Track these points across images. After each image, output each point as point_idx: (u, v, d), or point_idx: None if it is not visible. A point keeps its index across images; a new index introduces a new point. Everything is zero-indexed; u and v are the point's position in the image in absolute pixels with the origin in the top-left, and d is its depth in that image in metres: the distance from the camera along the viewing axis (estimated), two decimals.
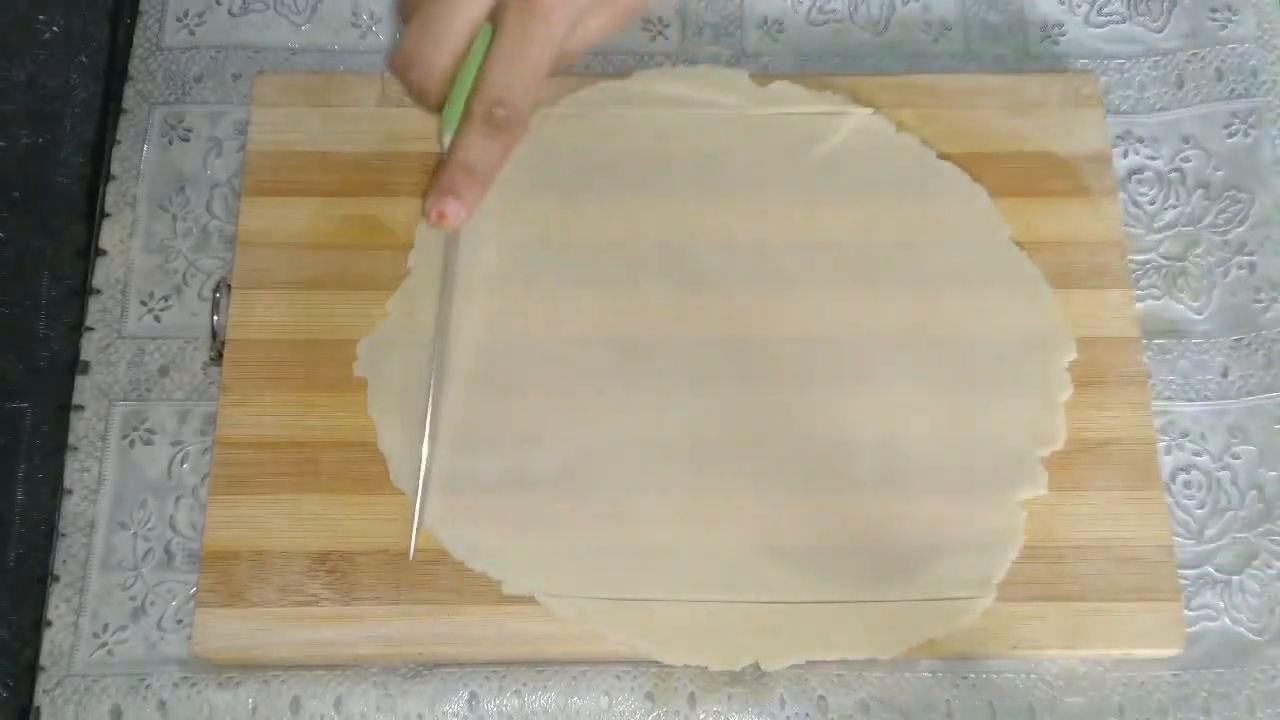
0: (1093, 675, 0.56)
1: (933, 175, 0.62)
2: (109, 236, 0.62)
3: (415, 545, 0.55)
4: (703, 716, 0.55)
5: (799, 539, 0.56)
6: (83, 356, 0.60)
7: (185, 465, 0.59)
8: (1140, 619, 0.55)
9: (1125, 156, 0.65)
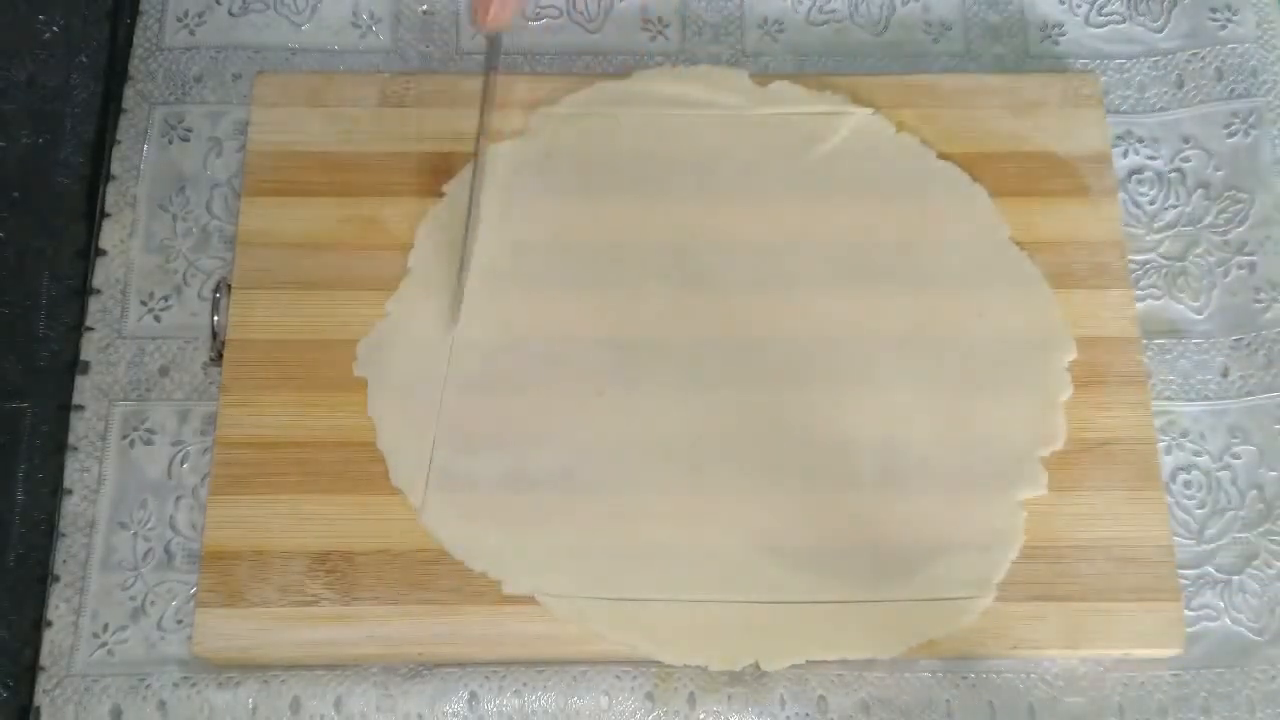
0: (1093, 675, 0.56)
1: (933, 175, 0.62)
2: (109, 236, 0.62)
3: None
4: (703, 716, 0.55)
5: (799, 539, 0.56)
6: (83, 356, 0.60)
7: (185, 465, 0.59)
8: (1140, 619, 0.55)
9: (1125, 156, 0.65)
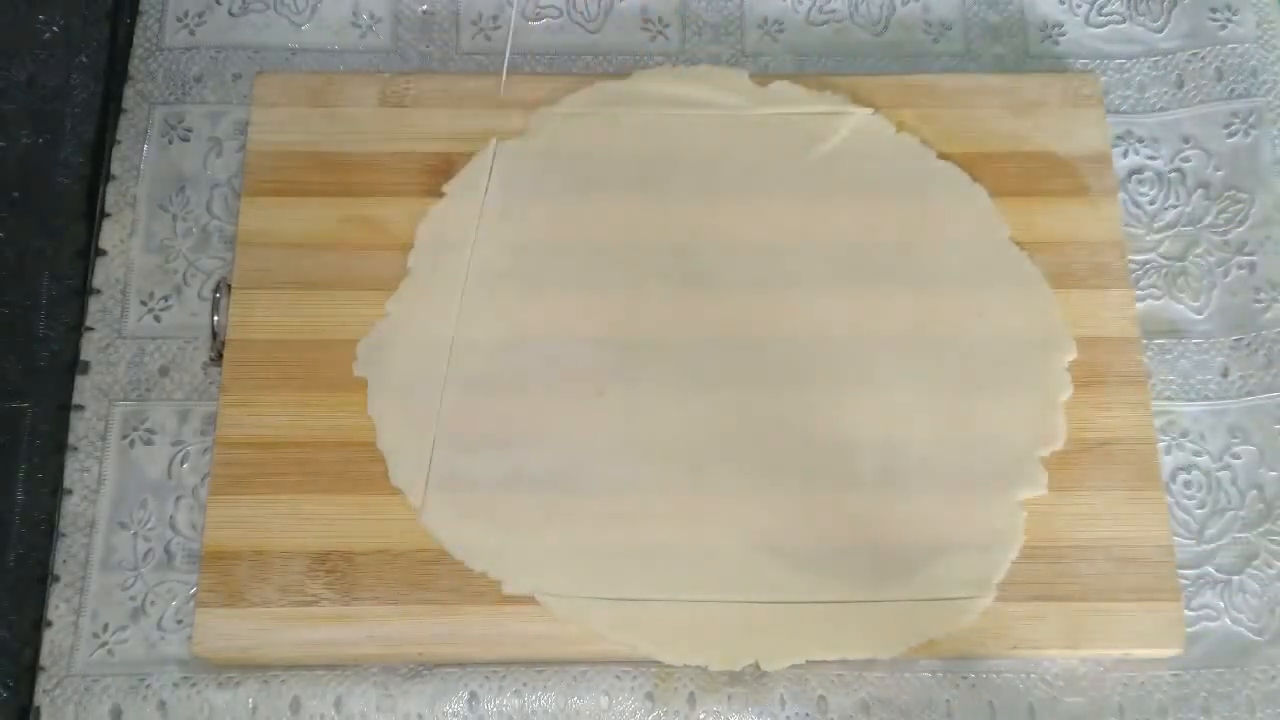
0: (1093, 675, 0.56)
1: (933, 175, 0.62)
2: (109, 236, 0.62)
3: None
4: (703, 716, 0.55)
5: (799, 539, 0.56)
6: (83, 356, 0.60)
7: (185, 465, 0.59)
8: (1140, 619, 0.55)
9: (1125, 156, 0.65)
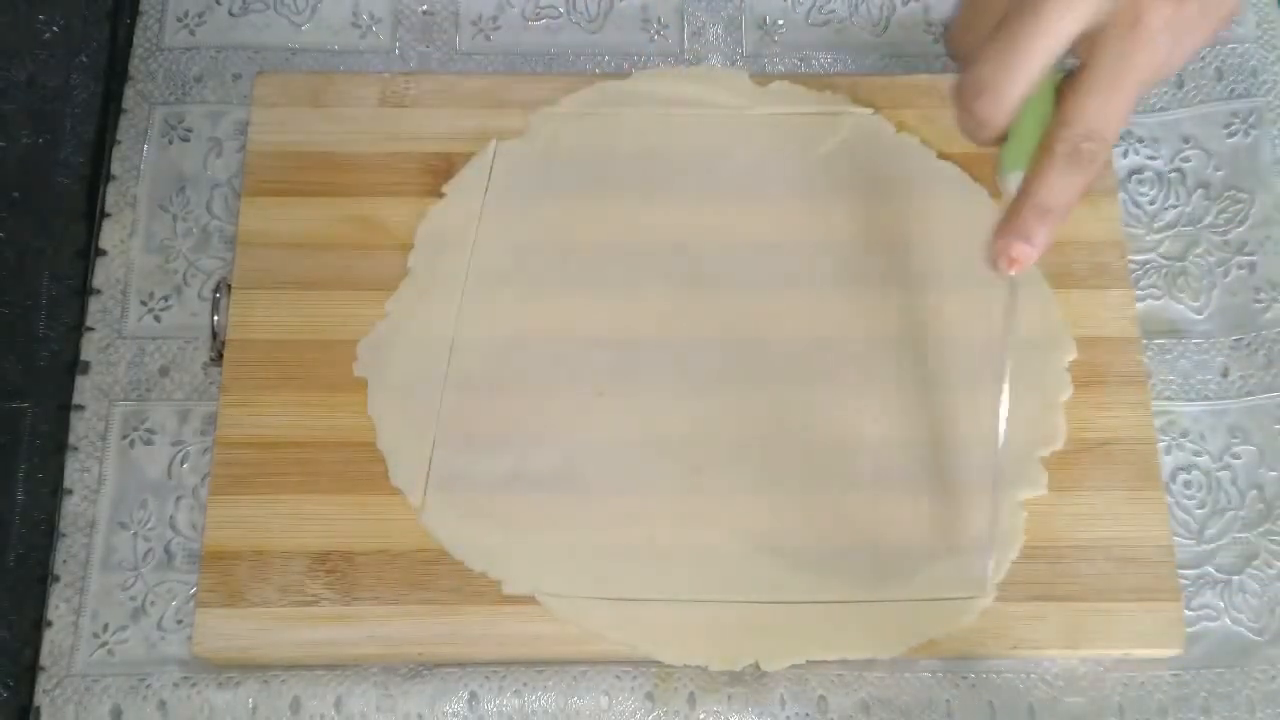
0: (1093, 675, 0.56)
1: (933, 175, 0.62)
2: (109, 236, 0.62)
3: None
4: (703, 716, 0.55)
5: (799, 539, 0.56)
6: (83, 356, 0.60)
7: (185, 465, 0.59)
8: (1140, 619, 0.55)
9: (1125, 156, 0.65)
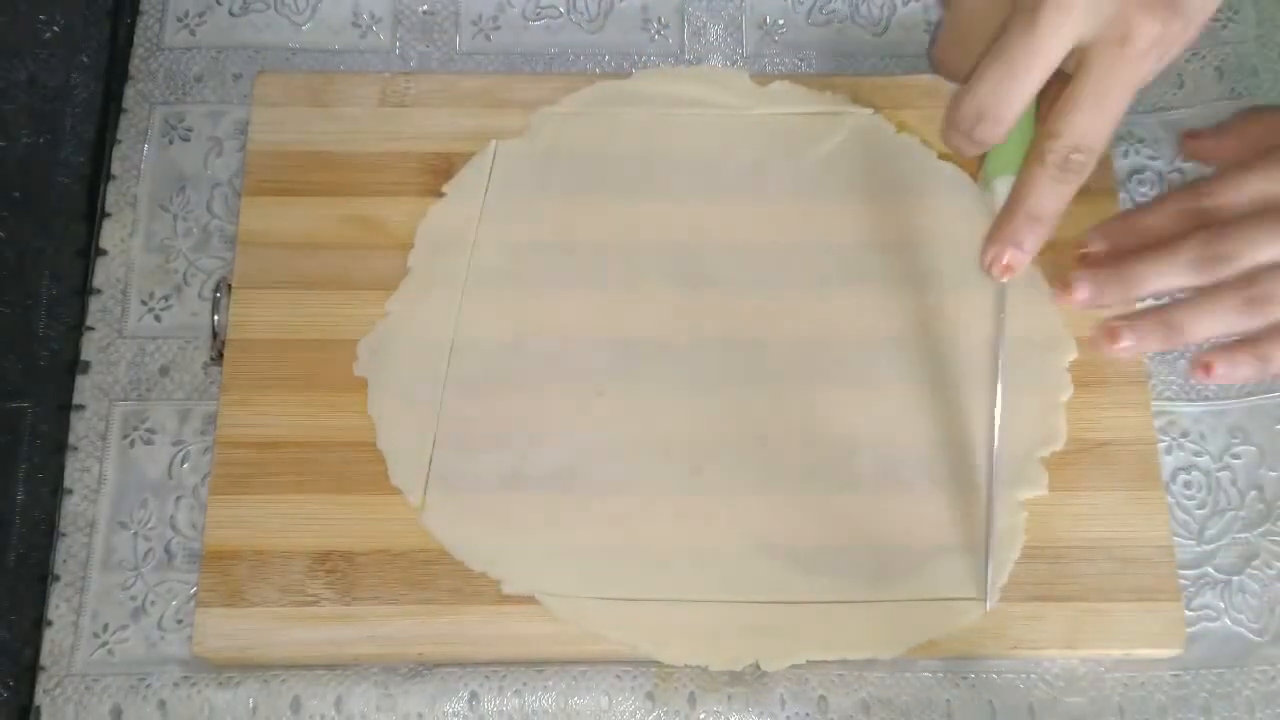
0: (1093, 675, 0.56)
1: (933, 176, 0.62)
2: (109, 236, 0.62)
3: None
4: (703, 716, 0.55)
5: (799, 539, 0.56)
6: (83, 356, 0.60)
7: (185, 465, 0.59)
8: (1140, 619, 0.55)
9: (1125, 156, 0.65)
